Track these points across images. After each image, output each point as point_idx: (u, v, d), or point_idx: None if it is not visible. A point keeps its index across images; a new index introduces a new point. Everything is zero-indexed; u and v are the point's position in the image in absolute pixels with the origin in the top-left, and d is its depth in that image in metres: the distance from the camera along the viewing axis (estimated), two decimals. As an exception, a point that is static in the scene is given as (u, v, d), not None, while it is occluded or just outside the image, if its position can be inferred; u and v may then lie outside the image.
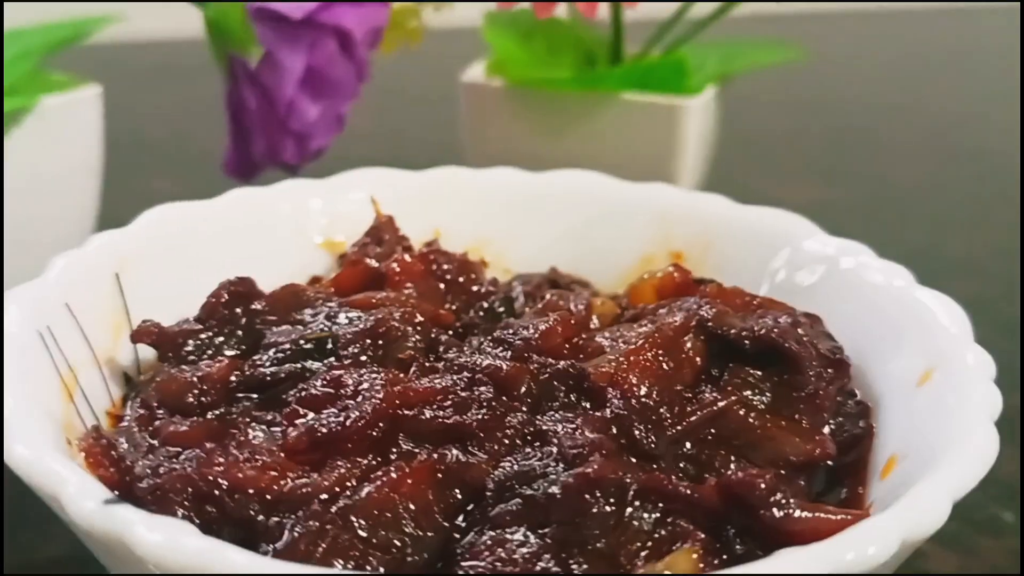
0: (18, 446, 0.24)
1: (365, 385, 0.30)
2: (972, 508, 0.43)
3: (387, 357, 0.33)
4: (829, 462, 0.32)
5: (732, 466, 0.30)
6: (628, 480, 0.27)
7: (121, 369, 0.34)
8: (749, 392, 0.33)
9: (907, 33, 1.34)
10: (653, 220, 0.45)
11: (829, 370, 0.34)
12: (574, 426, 0.29)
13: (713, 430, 0.31)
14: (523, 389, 0.31)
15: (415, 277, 0.38)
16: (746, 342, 0.33)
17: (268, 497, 0.27)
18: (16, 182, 0.52)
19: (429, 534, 0.27)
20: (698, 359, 0.33)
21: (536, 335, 0.33)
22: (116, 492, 0.27)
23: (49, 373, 0.30)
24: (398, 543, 0.27)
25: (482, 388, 0.31)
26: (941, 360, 0.32)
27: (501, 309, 0.39)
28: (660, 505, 0.27)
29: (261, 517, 0.27)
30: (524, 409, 0.31)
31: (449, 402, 0.30)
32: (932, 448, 0.28)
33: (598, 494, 0.27)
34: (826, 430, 0.33)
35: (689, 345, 0.33)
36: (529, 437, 0.30)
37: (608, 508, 0.27)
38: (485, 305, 0.39)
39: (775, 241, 0.42)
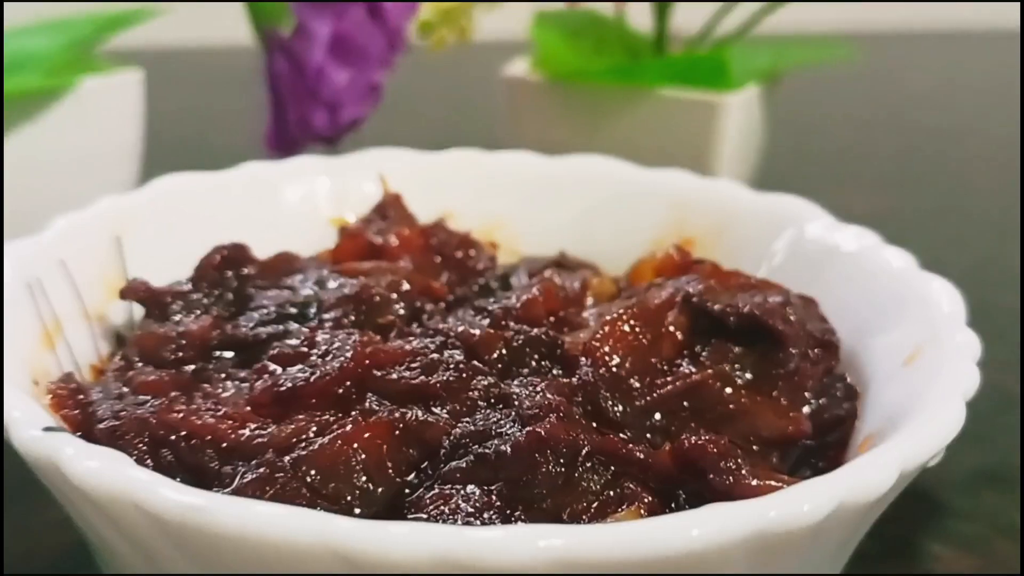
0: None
1: (337, 345, 0.31)
2: (996, 513, 0.42)
3: (368, 322, 0.33)
4: (808, 441, 0.31)
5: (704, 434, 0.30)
6: (581, 441, 0.27)
7: (114, 328, 0.35)
8: (729, 367, 0.32)
9: (980, 56, 1.31)
10: (666, 206, 0.44)
11: (816, 350, 0.33)
12: (538, 389, 0.29)
13: (687, 402, 0.31)
14: (495, 354, 0.31)
15: (413, 251, 0.39)
16: (730, 318, 0.33)
17: (224, 445, 0.27)
18: (55, 158, 0.54)
19: (379, 489, 0.27)
20: (679, 334, 0.33)
21: (517, 304, 0.33)
22: (79, 433, 0.28)
23: (30, 321, 0.31)
24: (348, 495, 0.27)
25: (452, 352, 0.31)
26: (928, 341, 0.31)
27: (496, 285, 0.39)
28: (612, 468, 0.27)
29: (215, 464, 0.27)
30: (493, 373, 0.31)
31: (417, 363, 0.30)
32: (900, 421, 0.27)
33: (549, 454, 0.27)
34: (806, 409, 0.32)
35: (671, 319, 0.33)
36: (493, 400, 0.29)
37: (557, 468, 0.27)
38: (481, 281, 0.39)
39: (782, 225, 0.41)
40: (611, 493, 0.26)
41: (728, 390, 0.31)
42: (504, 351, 0.31)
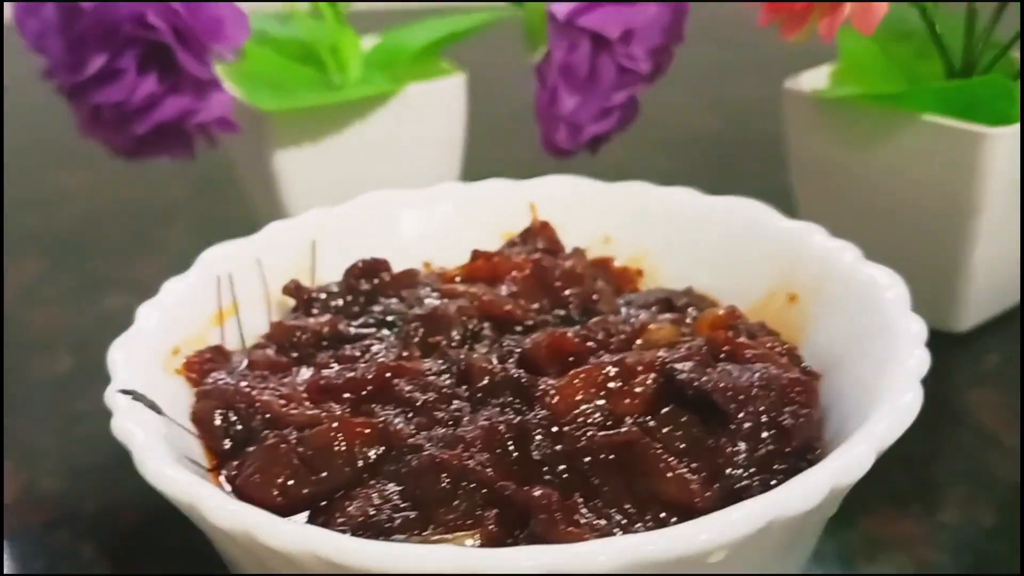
0: (117, 351, 0.40)
1: (380, 356, 0.41)
2: None
3: (422, 340, 0.43)
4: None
5: (606, 488, 0.36)
6: (467, 469, 0.35)
7: (290, 309, 0.48)
8: (670, 432, 0.37)
9: None
10: (786, 259, 0.47)
11: (772, 432, 0.37)
12: (477, 423, 0.37)
13: (613, 456, 0.36)
14: (482, 384, 0.39)
15: (520, 276, 0.47)
16: (687, 390, 0.37)
17: (268, 416, 0.39)
18: (390, 148, 0.69)
19: (347, 469, 0.37)
20: (641, 393, 0.38)
21: (529, 345, 0.41)
22: (198, 389, 0.42)
23: (205, 303, 0.45)
24: (324, 471, 0.37)
25: (448, 377, 0.40)
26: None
27: (577, 316, 0.46)
28: (484, 492, 0.34)
29: (257, 426, 0.39)
30: (471, 400, 0.39)
31: (417, 381, 0.40)
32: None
33: (440, 474, 0.35)
34: (719, 485, 0.36)
35: (640, 379, 0.38)
36: (452, 423, 0.38)
37: (443, 485, 0.35)
38: (562, 312, 0.46)
39: (868, 298, 0.42)
40: (471, 515, 0.34)
41: (655, 452, 0.36)
42: (488, 383, 0.39)
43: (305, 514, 0.36)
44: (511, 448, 0.37)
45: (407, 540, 0.33)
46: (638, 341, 0.43)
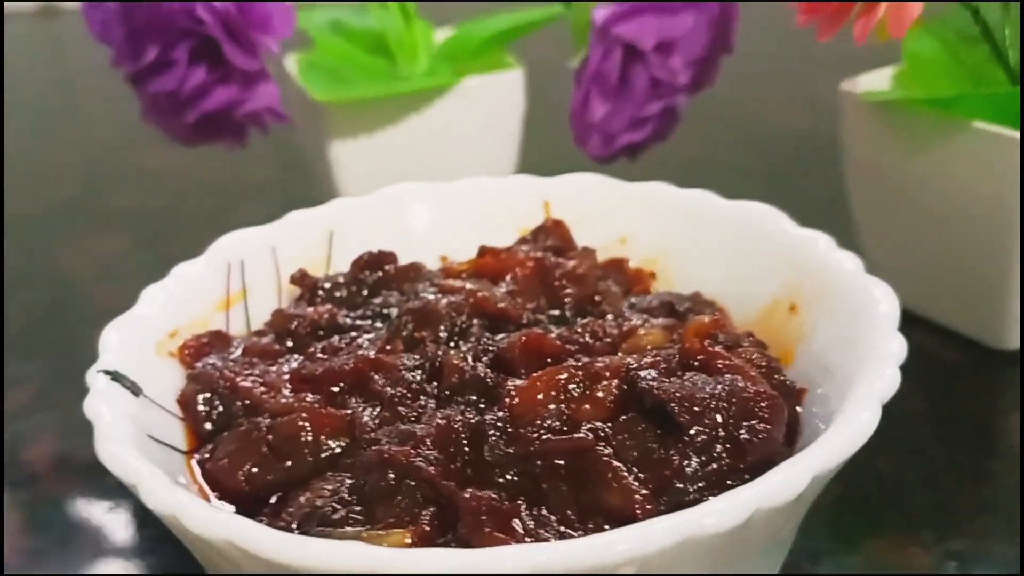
0: (111, 331, 0.42)
1: (364, 349, 0.42)
2: None
3: (409, 335, 0.43)
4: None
5: (552, 494, 0.35)
6: (411, 466, 0.35)
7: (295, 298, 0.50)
8: (626, 441, 0.36)
9: None
10: (790, 268, 0.45)
11: (728, 446, 0.36)
12: (434, 420, 0.37)
13: (563, 461, 0.36)
14: (453, 380, 0.40)
15: (521, 274, 0.47)
16: (645, 397, 0.37)
17: (248, 402, 0.41)
18: (447, 139, 0.70)
19: (311, 459, 0.38)
20: (601, 399, 0.37)
21: (503, 344, 0.41)
22: (188, 372, 0.43)
23: (211, 289, 0.46)
24: (289, 459, 0.38)
25: (419, 372, 0.40)
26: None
27: (573, 316, 0.46)
28: (425, 490, 0.35)
29: (237, 412, 0.41)
30: (440, 396, 0.39)
31: (390, 376, 0.40)
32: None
33: (386, 470, 0.36)
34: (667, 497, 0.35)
35: (603, 385, 0.38)
36: (414, 419, 0.38)
37: (389, 481, 0.35)
38: (555, 313, 0.46)
39: (858, 311, 0.41)
40: (409, 512, 0.34)
41: (606, 459, 0.36)
42: (457, 381, 0.39)
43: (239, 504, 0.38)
44: (465, 448, 0.37)
45: (341, 534, 0.34)
46: (624, 345, 0.42)
